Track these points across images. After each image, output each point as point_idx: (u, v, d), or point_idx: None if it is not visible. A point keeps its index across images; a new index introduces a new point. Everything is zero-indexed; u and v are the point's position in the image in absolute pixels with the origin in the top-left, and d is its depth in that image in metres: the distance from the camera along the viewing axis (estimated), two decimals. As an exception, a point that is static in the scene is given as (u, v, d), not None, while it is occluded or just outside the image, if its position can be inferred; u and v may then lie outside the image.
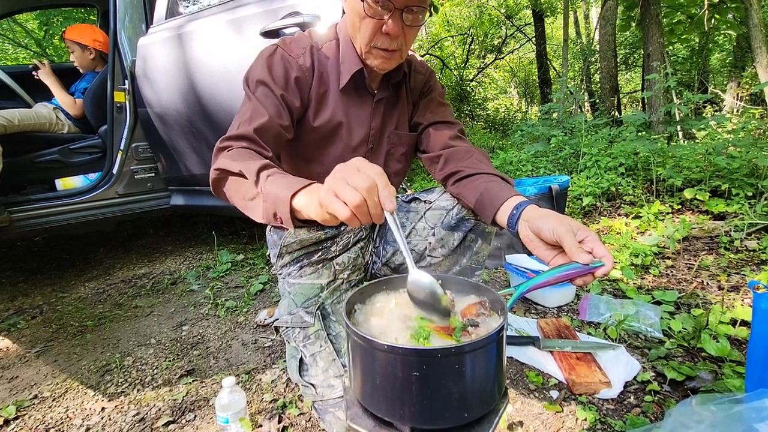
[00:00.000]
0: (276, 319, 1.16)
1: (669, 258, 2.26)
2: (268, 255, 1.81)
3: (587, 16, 15.99)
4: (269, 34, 1.80)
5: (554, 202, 2.35)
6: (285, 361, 1.48)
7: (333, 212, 0.62)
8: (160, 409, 1.36)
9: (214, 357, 1.66)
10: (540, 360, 1.45)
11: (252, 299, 2.14)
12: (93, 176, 2.58)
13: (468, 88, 12.38)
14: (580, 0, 14.30)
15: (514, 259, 2.04)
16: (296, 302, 1.13)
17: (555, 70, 12.63)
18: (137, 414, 1.34)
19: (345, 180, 0.61)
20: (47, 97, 2.67)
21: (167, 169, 2.54)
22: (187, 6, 2.30)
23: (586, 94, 10.95)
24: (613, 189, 3.25)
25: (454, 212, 1.13)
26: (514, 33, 13.74)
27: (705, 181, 2.92)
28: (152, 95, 2.34)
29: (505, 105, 14.60)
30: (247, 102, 0.99)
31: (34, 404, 1.43)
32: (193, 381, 1.50)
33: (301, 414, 1.29)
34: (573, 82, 11.27)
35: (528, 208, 0.86)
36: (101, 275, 2.63)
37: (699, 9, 5.90)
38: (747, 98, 8.99)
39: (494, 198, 0.94)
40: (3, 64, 6.72)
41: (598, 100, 8.07)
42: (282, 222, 0.74)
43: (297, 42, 1.05)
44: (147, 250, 3.06)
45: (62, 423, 1.33)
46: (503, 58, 14.76)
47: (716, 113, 8.24)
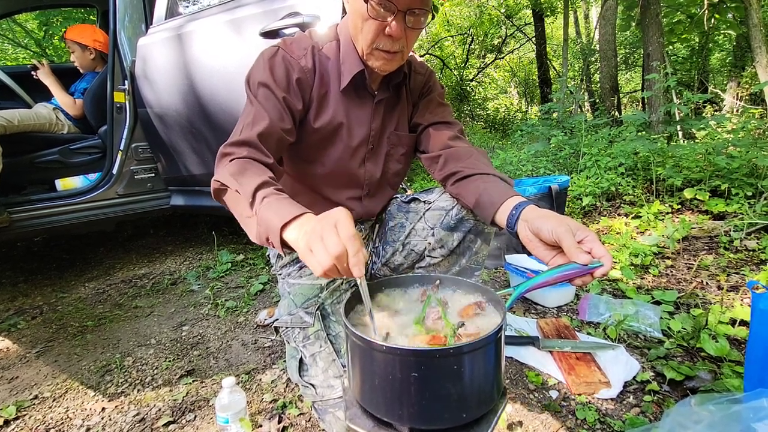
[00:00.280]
0: (276, 320, 1.16)
1: (668, 258, 2.26)
2: (268, 255, 1.81)
3: (587, 16, 15.98)
4: (269, 35, 1.80)
5: (554, 202, 2.35)
6: (285, 362, 1.49)
7: (310, 267, 0.68)
8: (161, 410, 1.36)
9: (214, 357, 1.66)
10: (539, 360, 1.45)
11: (252, 299, 2.15)
12: (93, 176, 2.58)
13: (468, 88, 12.39)
14: (580, 0, 14.30)
15: (514, 259, 2.04)
16: (296, 302, 1.13)
17: (555, 70, 12.63)
18: (137, 414, 1.35)
19: (321, 237, 0.66)
20: (47, 98, 2.67)
21: (167, 170, 2.54)
22: (187, 6, 2.30)
23: (586, 94, 10.95)
24: (613, 189, 3.25)
25: (454, 212, 1.13)
26: (514, 33, 13.75)
27: (705, 181, 2.92)
28: (152, 95, 2.34)
29: (505, 105, 14.61)
30: (249, 105, 0.99)
31: (35, 404, 1.43)
32: (193, 381, 1.50)
33: (301, 414, 1.29)
34: (573, 82, 11.28)
35: (527, 209, 0.86)
36: (101, 275, 2.63)
37: (699, 9, 5.91)
38: (747, 98, 8.99)
39: (493, 198, 0.94)
40: (3, 64, 6.72)
41: (598, 100, 8.08)
42: (274, 247, 0.78)
43: (298, 43, 1.05)
44: (147, 251, 3.06)
45: (62, 423, 1.33)
46: (503, 58, 14.77)
47: (716, 113, 8.23)
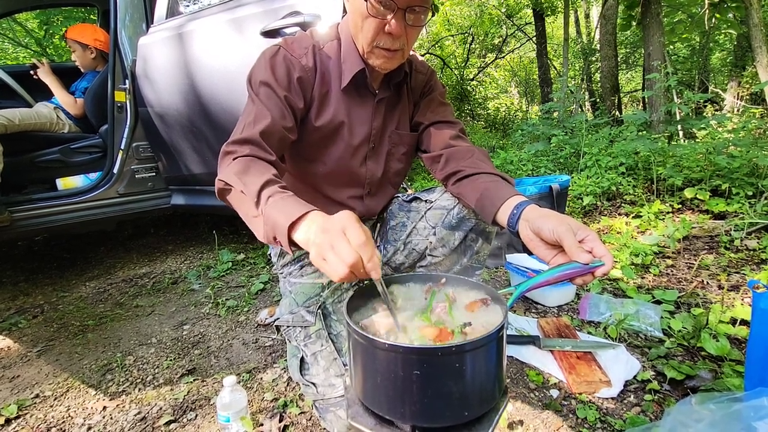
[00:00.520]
0: (277, 318, 1.16)
1: (669, 257, 2.26)
2: (269, 254, 1.81)
3: (588, 15, 15.96)
4: (269, 34, 1.80)
5: (554, 202, 2.35)
6: (286, 360, 1.49)
7: (325, 273, 0.68)
8: (162, 408, 1.36)
9: (215, 356, 1.66)
10: (540, 359, 1.45)
11: (253, 298, 2.15)
12: (94, 176, 2.58)
13: (468, 88, 12.38)
14: (581, -1, 14.30)
15: (515, 259, 2.04)
16: (297, 301, 1.13)
17: (555, 70, 12.63)
18: (138, 413, 1.35)
19: (331, 246, 0.65)
20: (48, 97, 2.67)
21: (168, 169, 2.54)
22: (188, 5, 2.30)
23: (587, 94, 10.94)
24: (614, 188, 3.25)
25: (455, 212, 1.13)
26: (515, 32, 13.74)
27: (705, 181, 2.92)
28: (153, 95, 2.34)
29: (506, 104, 14.60)
30: (251, 104, 0.99)
31: (36, 403, 1.43)
32: (194, 380, 1.50)
33: (302, 413, 1.29)
34: (573, 82, 11.28)
35: (528, 208, 0.86)
36: (102, 274, 2.63)
37: (699, 8, 5.90)
38: (747, 97, 8.98)
39: (495, 198, 0.94)
40: (3, 64, 6.72)
41: (599, 100, 8.07)
42: (281, 246, 0.77)
43: (299, 42, 1.05)
44: (148, 250, 3.07)
45: (64, 422, 1.33)
46: (504, 58, 14.76)
47: (717, 112, 8.22)
